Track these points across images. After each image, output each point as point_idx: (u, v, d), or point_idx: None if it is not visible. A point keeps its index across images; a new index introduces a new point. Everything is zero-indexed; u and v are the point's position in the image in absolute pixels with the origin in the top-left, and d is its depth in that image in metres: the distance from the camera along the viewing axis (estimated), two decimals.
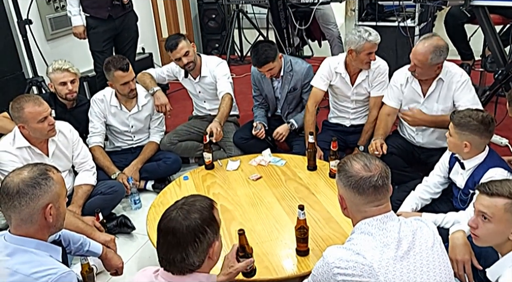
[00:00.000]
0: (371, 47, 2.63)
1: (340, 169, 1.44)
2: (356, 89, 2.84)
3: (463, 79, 2.45)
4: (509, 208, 1.39)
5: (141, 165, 2.95)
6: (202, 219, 1.31)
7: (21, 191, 1.39)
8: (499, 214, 1.40)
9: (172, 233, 1.29)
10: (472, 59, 3.66)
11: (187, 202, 1.36)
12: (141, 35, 3.84)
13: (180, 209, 1.33)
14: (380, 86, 2.77)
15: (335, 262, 1.33)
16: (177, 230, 1.29)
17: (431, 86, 2.49)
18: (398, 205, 2.19)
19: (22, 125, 2.29)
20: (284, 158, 2.75)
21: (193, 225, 1.29)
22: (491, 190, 1.41)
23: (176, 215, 1.31)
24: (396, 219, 1.40)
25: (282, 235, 2.04)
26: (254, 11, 4.99)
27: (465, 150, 1.97)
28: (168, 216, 1.33)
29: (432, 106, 2.53)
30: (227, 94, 3.00)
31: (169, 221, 1.31)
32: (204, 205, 1.35)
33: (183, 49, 2.94)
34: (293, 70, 2.97)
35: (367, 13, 3.61)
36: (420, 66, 2.39)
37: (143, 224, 2.32)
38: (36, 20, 3.63)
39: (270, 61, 2.81)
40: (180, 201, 1.37)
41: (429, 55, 2.34)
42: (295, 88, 3.01)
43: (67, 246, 1.79)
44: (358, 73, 2.79)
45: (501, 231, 1.41)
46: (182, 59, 2.97)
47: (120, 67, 2.79)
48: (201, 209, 1.33)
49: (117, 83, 2.83)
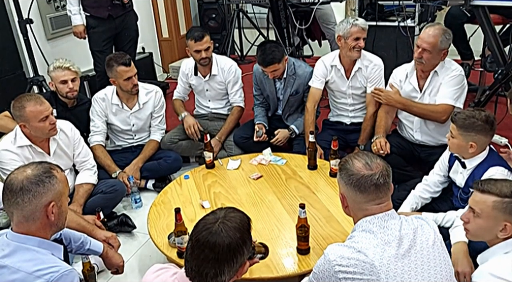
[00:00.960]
0: (357, 31, 2.65)
1: (342, 167, 1.45)
2: (352, 82, 2.84)
3: (454, 74, 2.46)
4: (497, 206, 1.42)
5: (142, 163, 2.96)
6: (242, 238, 1.25)
7: (24, 187, 1.40)
8: (487, 210, 1.43)
9: (211, 248, 1.22)
10: (472, 59, 3.67)
11: (228, 216, 1.28)
12: (141, 35, 3.85)
13: (222, 223, 1.25)
14: (375, 81, 2.78)
15: (337, 260, 1.34)
16: (217, 245, 1.22)
17: (427, 80, 2.51)
18: (398, 203, 2.19)
19: (23, 124, 2.29)
20: (284, 157, 2.76)
21: (234, 244, 1.23)
22: (483, 187, 1.46)
23: (218, 230, 1.23)
24: (397, 217, 1.41)
25: (282, 234, 2.05)
26: (254, 10, 4.99)
27: (470, 150, 1.97)
28: (208, 228, 1.24)
29: (428, 101, 2.54)
30: (238, 108, 3.16)
31: (210, 234, 1.23)
32: (244, 222, 1.29)
33: (206, 43, 2.99)
34: (296, 74, 2.98)
35: (367, 13, 3.61)
36: (430, 49, 2.38)
37: (144, 223, 2.32)
38: (36, 20, 3.63)
39: (276, 62, 2.82)
40: (220, 213, 1.29)
41: (439, 38, 2.36)
42: (297, 92, 3.02)
43: (68, 245, 1.80)
44: (353, 67, 2.80)
45: (490, 227, 1.45)
46: (201, 52, 2.99)
47: (123, 62, 2.80)
48: (242, 227, 1.27)
49: (120, 78, 2.84)
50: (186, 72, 3.22)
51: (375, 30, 3.39)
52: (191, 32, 3.01)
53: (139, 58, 4.42)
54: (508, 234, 1.43)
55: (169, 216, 2.23)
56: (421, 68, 2.49)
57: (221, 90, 3.21)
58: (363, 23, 2.66)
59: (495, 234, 1.45)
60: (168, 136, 3.12)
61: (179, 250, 1.95)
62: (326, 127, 3.10)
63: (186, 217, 2.14)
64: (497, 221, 1.43)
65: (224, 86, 3.19)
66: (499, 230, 1.43)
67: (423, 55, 2.41)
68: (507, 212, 1.41)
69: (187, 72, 3.22)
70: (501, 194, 1.42)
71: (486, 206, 1.44)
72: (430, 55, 2.40)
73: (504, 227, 1.42)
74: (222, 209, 1.32)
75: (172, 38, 5.35)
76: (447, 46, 2.41)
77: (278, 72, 2.89)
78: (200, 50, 2.99)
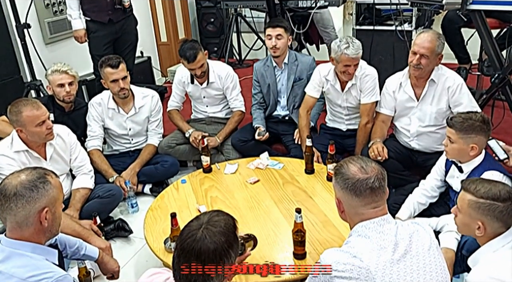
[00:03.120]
0: (347, 60, 2.59)
1: (337, 172, 1.45)
2: (346, 96, 2.83)
3: (458, 82, 2.46)
4: (471, 205, 1.47)
5: (139, 168, 2.95)
6: (228, 242, 1.24)
7: (18, 193, 1.39)
8: (464, 207, 1.50)
9: (197, 255, 1.21)
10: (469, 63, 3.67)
11: (212, 220, 1.27)
12: (140, 39, 3.85)
13: (206, 229, 1.23)
14: (368, 93, 2.75)
15: (333, 265, 1.33)
16: (202, 252, 1.20)
17: (424, 89, 2.51)
18: (395, 208, 2.19)
19: (20, 129, 2.29)
20: (282, 161, 2.76)
21: (220, 249, 1.22)
22: (464, 185, 1.52)
23: (202, 236, 1.22)
24: (393, 222, 1.41)
25: (279, 238, 2.04)
26: (252, 15, 5.00)
27: (471, 153, 1.97)
28: (192, 236, 1.23)
29: (426, 109, 2.54)
30: (239, 112, 3.17)
31: (194, 241, 1.22)
32: (229, 225, 1.28)
33: (200, 62, 2.96)
34: (298, 60, 3.02)
35: (364, 17, 3.62)
36: (428, 55, 2.37)
37: (141, 227, 2.31)
38: (35, 24, 3.64)
39: (284, 28, 2.92)
40: (203, 218, 1.28)
41: (436, 42, 2.37)
42: (301, 78, 3.03)
43: (63, 250, 1.78)
44: (347, 82, 2.79)
45: (467, 223, 1.51)
46: (196, 70, 3.00)
47: (110, 64, 2.81)
48: (227, 230, 1.25)
49: (107, 80, 2.85)
50: (182, 80, 3.21)
51: (372, 34, 3.39)
52: (183, 51, 2.94)
53: (138, 62, 4.42)
54: (482, 233, 1.47)
55: (166, 220, 2.21)
56: (418, 74, 2.47)
57: (218, 96, 3.22)
58: (353, 52, 2.56)
59: (473, 232, 1.50)
60: (165, 141, 3.12)
61: None
62: (323, 131, 3.09)
63: (183, 221, 2.10)
64: (472, 219, 1.49)
65: (222, 92, 3.19)
66: (476, 228, 1.48)
67: (421, 61, 2.39)
68: (480, 212, 1.46)
69: (183, 80, 3.21)
70: (477, 194, 1.47)
71: (464, 203, 1.51)
72: (428, 60, 2.40)
73: (480, 226, 1.47)
74: (206, 213, 1.31)
75: (171, 43, 5.36)
76: (442, 50, 2.42)
77: (281, 47, 2.93)
78: (194, 68, 2.99)
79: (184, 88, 3.24)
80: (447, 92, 2.47)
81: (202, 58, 2.98)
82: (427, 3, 2.88)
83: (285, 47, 2.98)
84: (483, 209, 1.45)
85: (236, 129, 3.27)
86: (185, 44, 2.98)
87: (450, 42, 3.58)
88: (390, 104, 2.66)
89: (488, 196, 1.45)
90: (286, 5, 3.74)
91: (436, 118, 2.53)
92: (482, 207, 1.45)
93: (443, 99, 2.49)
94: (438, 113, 2.51)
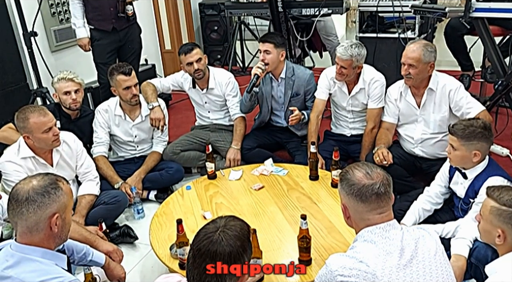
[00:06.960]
0: (337, 58, 2.71)
1: (342, 178, 1.46)
2: (352, 100, 2.86)
3: (457, 85, 2.49)
4: (493, 211, 1.48)
5: (144, 174, 2.97)
6: (243, 246, 1.26)
7: (30, 198, 1.41)
8: (486, 213, 1.50)
9: (212, 257, 1.23)
10: (472, 70, 3.68)
11: (228, 225, 1.29)
12: (144, 47, 3.89)
13: (223, 232, 1.26)
14: (376, 98, 2.78)
15: (338, 270, 1.34)
16: (218, 254, 1.23)
17: (423, 97, 2.54)
18: (400, 214, 2.20)
19: (27, 136, 2.31)
20: (286, 167, 2.77)
21: (235, 252, 1.24)
22: (488, 192, 1.52)
23: (219, 238, 1.24)
24: (398, 227, 1.42)
25: (284, 245, 2.05)
26: (256, 23, 5.04)
27: (474, 159, 1.98)
28: (209, 238, 1.25)
29: (429, 117, 2.56)
30: (240, 118, 3.18)
31: (211, 243, 1.24)
32: (244, 230, 1.30)
33: (197, 54, 3.03)
34: (295, 76, 3.01)
35: (367, 24, 3.64)
36: (414, 64, 2.43)
37: (146, 233, 2.32)
38: (41, 32, 3.68)
39: (273, 43, 2.88)
40: (220, 222, 1.30)
41: (421, 52, 2.41)
42: (298, 94, 3.04)
43: (70, 256, 1.80)
44: (355, 84, 2.82)
45: (489, 230, 1.51)
46: (193, 64, 3.03)
47: (122, 71, 2.84)
48: (242, 235, 1.28)
49: (120, 87, 2.87)
50: (181, 80, 3.25)
51: (375, 41, 3.42)
52: (181, 48, 3.09)
53: (142, 70, 4.45)
54: (501, 241, 1.47)
55: (171, 227, 2.23)
56: (411, 83, 2.54)
57: (219, 102, 3.25)
58: (341, 52, 2.65)
59: (493, 239, 1.49)
60: (170, 147, 3.13)
61: (181, 261, 1.95)
62: (327, 137, 3.11)
63: (188, 228, 2.14)
64: (493, 226, 1.48)
65: (223, 98, 3.22)
66: (496, 235, 1.48)
67: (410, 71, 2.47)
68: (501, 219, 1.46)
69: (182, 81, 3.25)
70: (499, 201, 1.47)
71: (486, 209, 1.51)
72: (417, 69, 2.45)
73: (500, 234, 1.46)
74: (222, 218, 1.33)
75: (175, 50, 5.39)
76: (432, 59, 2.44)
77: (269, 57, 2.90)
78: (192, 62, 3.02)
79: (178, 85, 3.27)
80: (447, 99, 2.49)
81: (200, 53, 3.05)
82: (430, 10, 2.91)
83: (275, 62, 2.93)
84: (505, 217, 1.45)
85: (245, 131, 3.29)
86: (183, 44, 3.16)
87: (453, 50, 3.61)
88: (393, 112, 2.69)
89: (510, 204, 1.44)
90: (290, 13, 3.76)
91: (440, 125, 2.54)
92: (503, 214, 1.45)
93: (444, 106, 2.51)
94: (442, 120, 2.53)
